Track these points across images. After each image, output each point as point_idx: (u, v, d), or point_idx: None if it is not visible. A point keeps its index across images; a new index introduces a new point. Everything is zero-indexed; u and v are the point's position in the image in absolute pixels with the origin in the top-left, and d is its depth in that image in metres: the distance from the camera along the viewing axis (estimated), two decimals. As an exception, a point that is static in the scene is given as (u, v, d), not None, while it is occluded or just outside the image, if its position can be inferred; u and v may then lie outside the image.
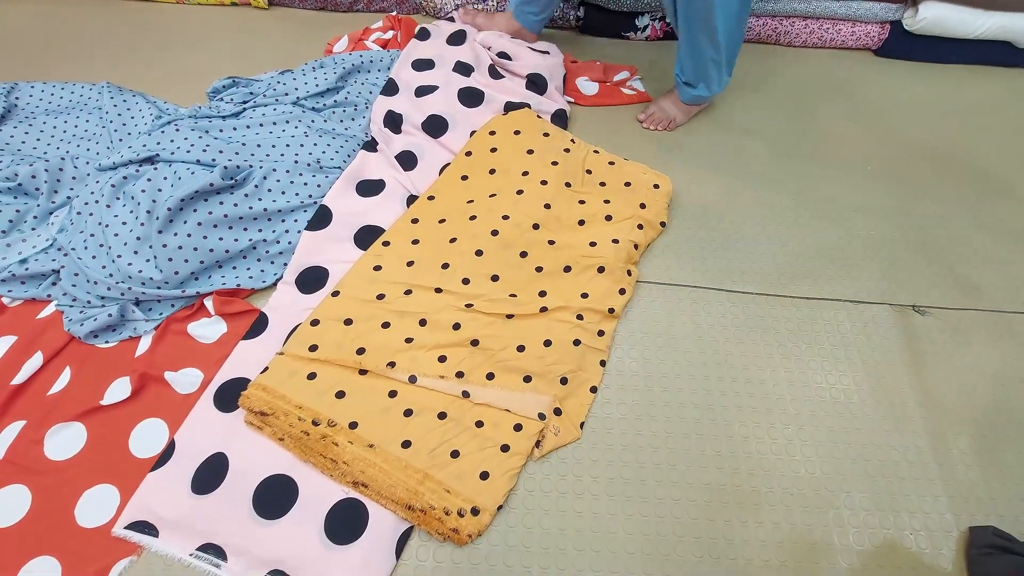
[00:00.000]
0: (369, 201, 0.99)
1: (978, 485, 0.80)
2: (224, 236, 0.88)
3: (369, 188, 1.01)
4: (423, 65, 1.21)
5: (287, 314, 0.87)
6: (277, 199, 0.93)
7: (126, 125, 1.06)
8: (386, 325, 0.84)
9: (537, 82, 1.19)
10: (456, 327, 0.84)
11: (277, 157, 0.99)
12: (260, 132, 1.02)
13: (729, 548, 0.73)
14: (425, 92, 1.14)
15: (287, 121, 1.05)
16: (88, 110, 1.10)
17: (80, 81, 1.16)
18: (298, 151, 1.01)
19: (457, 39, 1.27)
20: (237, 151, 0.97)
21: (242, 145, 0.98)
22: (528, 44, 1.24)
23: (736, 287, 0.97)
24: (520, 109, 1.12)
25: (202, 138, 0.97)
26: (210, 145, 0.96)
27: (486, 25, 1.29)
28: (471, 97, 1.13)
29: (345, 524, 0.69)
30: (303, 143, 1.02)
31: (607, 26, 1.37)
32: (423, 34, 1.30)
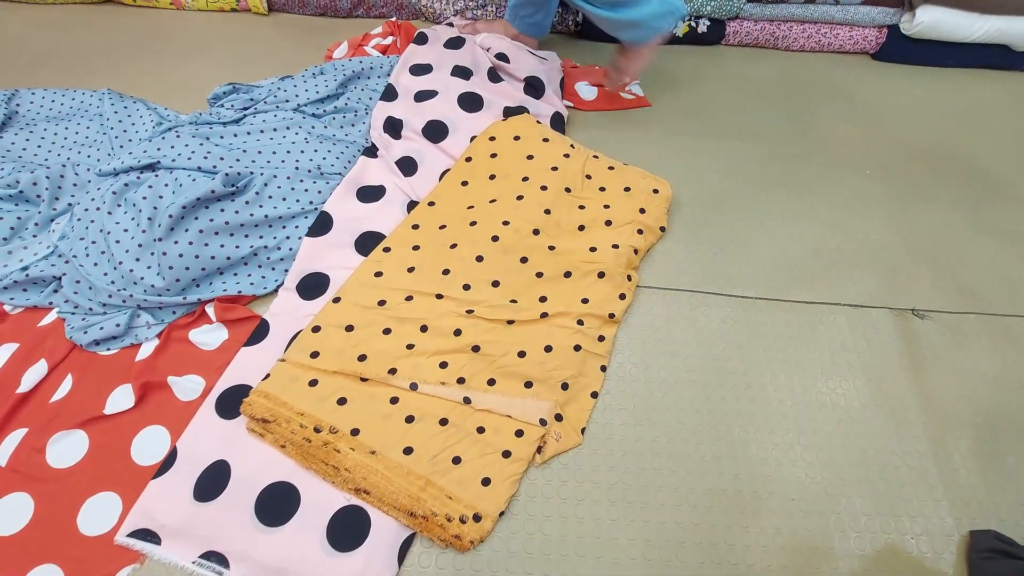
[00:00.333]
0: (370, 207, 0.99)
1: (979, 489, 0.80)
2: (225, 243, 0.88)
3: (370, 194, 1.01)
4: (421, 70, 1.22)
5: (288, 320, 0.87)
6: (278, 205, 0.93)
7: (127, 132, 1.06)
8: (387, 331, 0.84)
9: (535, 85, 1.20)
10: (457, 333, 0.84)
11: (278, 163, 0.99)
12: (261, 139, 1.02)
13: (730, 553, 0.73)
14: (424, 97, 1.15)
15: (287, 127, 1.05)
16: (89, 117, 1.10)
17: (80, 87, 1.17)
18: (299, 157, 1.01)
19: (455, 43, 1.28)
20: (238, 158, 0.97)
21: (243, 152, 0.98)
22: (527, 48, 1.24)
23: (736, 292, 0.97)
24: (519, 114, 1.12)
25: (203, 145, 0.98)
26: (211, 152, 0.96)
27: (485, 31, 1.29)
28: (471, 102, 1.13)
29: (347, 531, 0.69)
30: (304, 149, 1.02)
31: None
32: (421, 39, 1.31)
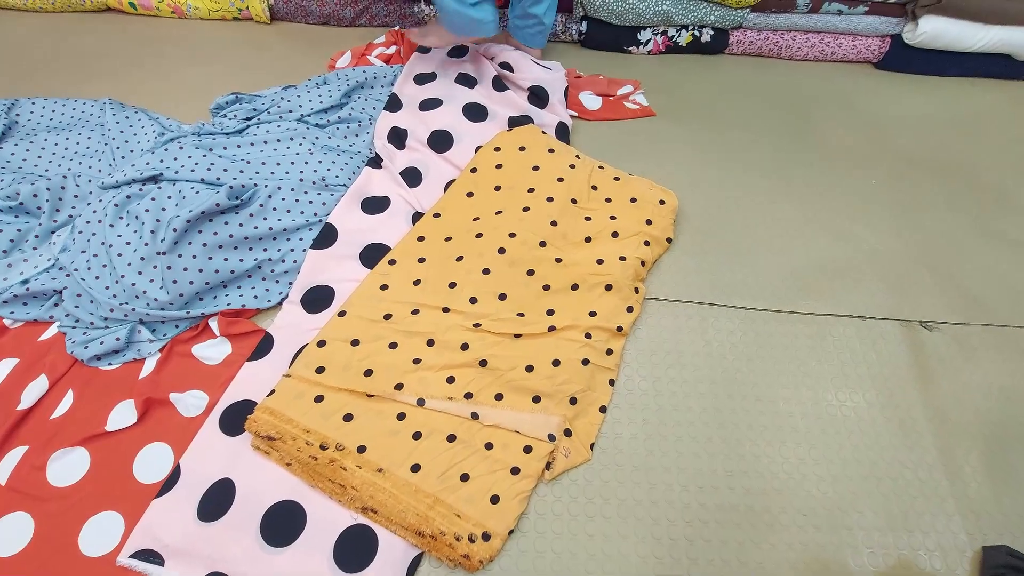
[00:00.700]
0: (374, 219, 0.98)
1: (990, 502, 0.80)
2: (229, 256, 0.87)
3: (374, 205, 1.00)
4: (425, 79, 1.21)
5: (293, 334, 0.86)
6: (283, 218, 0.92)
7: (128, 142, 1.05)
8: (393, 345, 0.83)
9: (539, 95, 1.19)
10: (464, 347, 0.83)
11: (282, 175, 0.98)
12: (264, 149, 1.01)
13: (742, 570, 0.72)
14: (429, 107, 1.14)
15: (291, 138, 1.04)
16: (90, 127, 1.09)
17: (81, 96, 1.16)
18: (303, 168, 1.00)
19: (459, 52, 1.27)
20: (242, 169, 0.96)
21: (246, 163, 0.98)
22: (531, 57, 1.24)
23: (744, 303, 0.96)
24: (524, 125, 1.11)
25: (206, 156, 0.97)
26: (214, 163, 0.95)
27: (488, 40, 1.29)
28: (476, 112, 1.13)
29: (355, 551, 0.68)
30: (308, 160, 1.01)
31: (609, 40, 1.37)
32: (424, 48, 1.30)
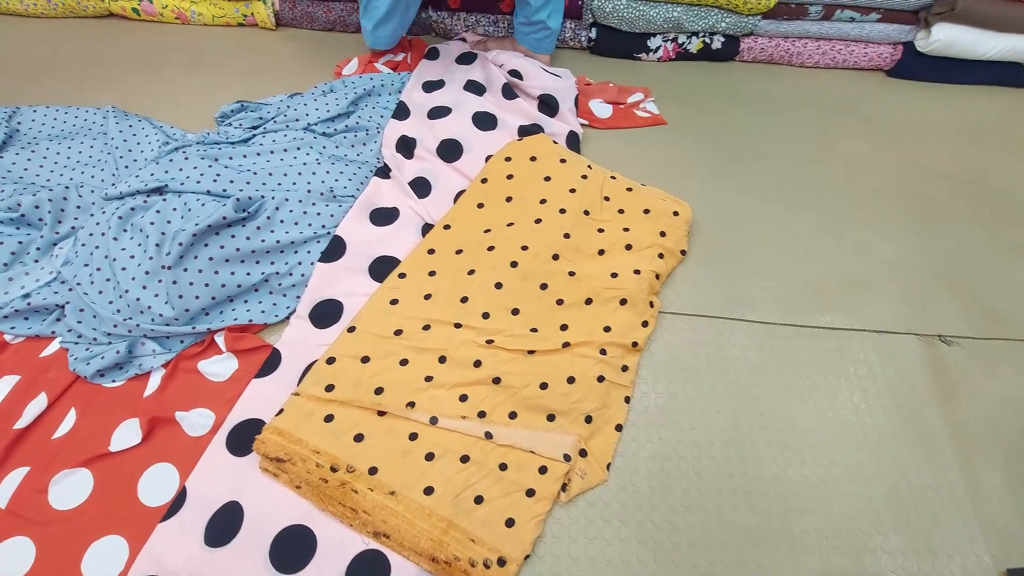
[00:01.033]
0: (383, 230, 0.96)
1: (1012, 522, 0.78)
2: (236, 270, 0.85)
3: (383, 217, 0.98)
4: (433, 86, 1.20)
5: (301, 350, 0.84)
6: (290, 230, 0.90)
7: (132, 152, 1.03)
8: (404, 362, 0.81)
9: (549, 103, 1.17)
10: (477, 364, 0.81)
11: (289, 186, 0.96)
12: (271, 160, 0.99)
13: (764, 596, 0.70)
14: (438, 115, 1.12)
15: (298, 148, 1.02)
16: (92, 135, 1.07)
17: (84, 104, 1.13)
18: (310, 179, 0.98)
19: (467, 58, 1.26)
20: (248, 180, 0.94)
21: (253, 174, 0.95)
22: (541, 65, 1.22)
23: (759, 317, 0.95)
24: (535, 134, 1.10)
25: (212, 167, 0.95)
26: (220, 174, 0.93)
27: (496, 48, 1.27)
28: (485, 120, 1.11)
29: (367, 578, 0.66)
30: (315, 171, 0.99)
31: (619, 47, 1.35)
32: (432, 53, 1.29)
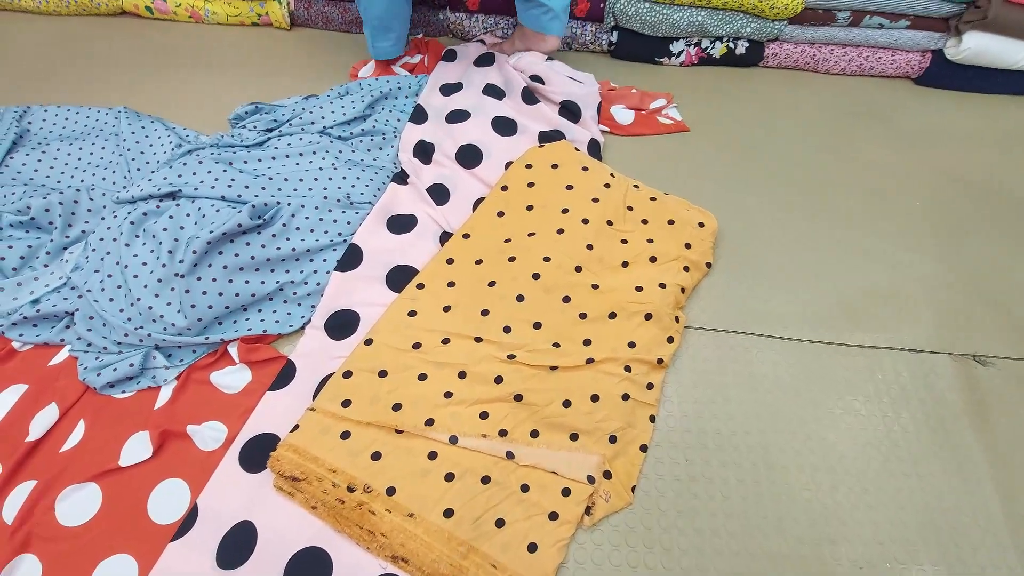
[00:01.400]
0: (401, 238, 0.94)
1: (1053, 554, 0.75)
2: (250, 278, 0.83)
3: (401, 224, 0.96)
4: (451, 89, 1.17)
5: (316, 361, 0.81)
6: (306, 238, 0.88)
7: (144, 153, 1.01)
8: (423, 377, 0.78)
9: (571, 109, 1.15)
10: (498, 380, 0.78)
11: (305, 192, 0.93)
12: (286, 164, 0.97)
13: (797, 629, 0.67)
14: (456, 119, 1.09)
15: (314, 152, 1.00)
16: (104, 136, 1.05)
17: (95, 103, 1.11)
18: (327, 185, 0.95)
19: (485, 60, 1.23)
20: (263, 186, 0.92)
21: (268, 179, 0.93)
22: (564, 73, 1.19)
23: (789, 334, 0.92)
24: (556, 141, 1.07)
25: (226, 171, 0.92)
26: (235, 179, 0.91)
27: (517, 49, 1.24)
28: (505, 125, 1.08)
29: (385, 604, 0.63)
30: (331, 176, 0.97)
31: (640, 51, 1.32)
32: (450, 55, 1.26)
